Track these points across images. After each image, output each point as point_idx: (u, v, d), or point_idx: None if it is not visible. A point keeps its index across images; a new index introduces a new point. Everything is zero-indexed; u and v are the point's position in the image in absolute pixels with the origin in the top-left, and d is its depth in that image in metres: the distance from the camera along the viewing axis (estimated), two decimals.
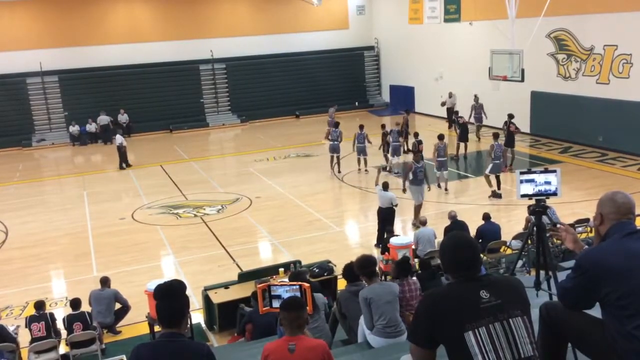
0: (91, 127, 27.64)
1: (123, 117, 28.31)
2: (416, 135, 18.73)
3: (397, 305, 6.07)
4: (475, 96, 22.50)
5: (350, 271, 6.80)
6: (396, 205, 12.80)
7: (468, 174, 18.89)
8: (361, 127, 19.35)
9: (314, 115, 30.89)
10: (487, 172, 16.03)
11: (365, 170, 19.16)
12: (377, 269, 6.37)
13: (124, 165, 21.88)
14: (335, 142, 19.04)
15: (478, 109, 22.50)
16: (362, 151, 19.12)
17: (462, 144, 20.54)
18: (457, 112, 22.09)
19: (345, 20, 32.96)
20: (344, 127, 20.14)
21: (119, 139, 21.85)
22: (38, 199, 18.92)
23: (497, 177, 15.91)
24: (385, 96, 33.60)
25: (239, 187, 18.43)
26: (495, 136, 16.38)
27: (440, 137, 17.21)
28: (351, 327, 6.60)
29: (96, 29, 28.37)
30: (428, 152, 17.22)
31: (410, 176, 14.25)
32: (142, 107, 29.18)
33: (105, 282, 9.93)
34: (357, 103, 32.00)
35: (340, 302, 6.69)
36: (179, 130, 28.93)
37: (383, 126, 20.29)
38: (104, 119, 27.78)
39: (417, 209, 14.22)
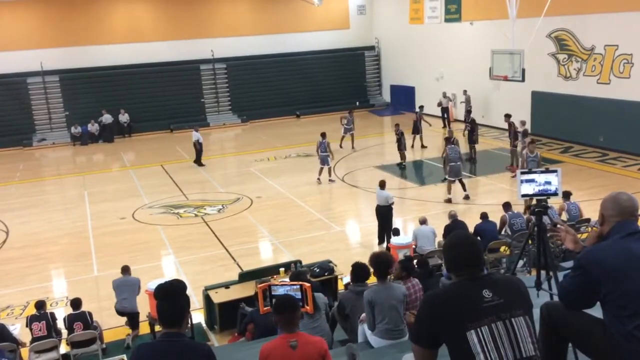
0: (92, 127, 27.64)
1: (124, 117, 28.34)
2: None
3: (401, 310, 5.99)
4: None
5: (357, 272, 6.75)
6: (392, 203, 12.83)
7: (469, 174, 18.83)
8: (323, 135, 18.44)
9: (314, 115, 30.91)
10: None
11: (330, 180, 18.28)
12: (389, 270, 6.27)
13: (199, 162, 21.68)
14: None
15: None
16: (324, 160, 18.17)
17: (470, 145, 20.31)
18: (469, 111, 21.79)
19: (346, 20, 32.96)
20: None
21: (195, 135, 21.72)
22: (39, 198, 18.91)
23: (460, 180, 15.85)
24: (386, 96, 33.61)
25: (239, 187, 18.43)
26: (448, 140, 16.19)
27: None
28: (353, 329, 6.58)
29: (97, 29, 28.39)
30: (435, 152, 16.94)
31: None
32: (142, 107, 29.21)
33: (126, 269, 10.06)
34: (357, 103, 31.96)
35: (342, 303, 6.65)
36: (179, 130, 28.87)
37: (397, 125, 19.88)
38: (107, 117, 27.88)
39: None
